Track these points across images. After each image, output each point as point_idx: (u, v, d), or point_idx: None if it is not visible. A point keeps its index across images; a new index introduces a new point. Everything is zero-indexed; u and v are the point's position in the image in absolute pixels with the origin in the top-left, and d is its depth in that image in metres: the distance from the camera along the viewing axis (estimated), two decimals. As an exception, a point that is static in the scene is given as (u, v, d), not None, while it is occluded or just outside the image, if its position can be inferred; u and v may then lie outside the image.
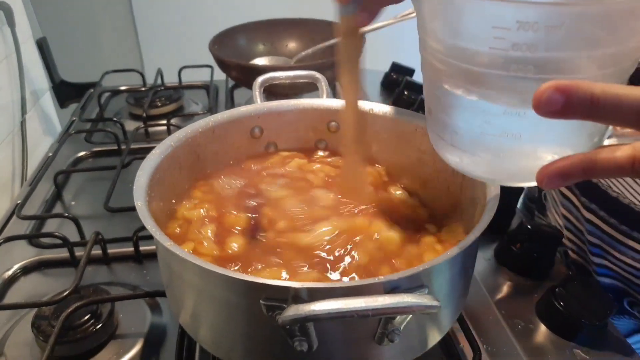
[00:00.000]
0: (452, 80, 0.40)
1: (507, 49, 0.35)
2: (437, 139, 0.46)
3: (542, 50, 0.34)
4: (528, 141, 0.39)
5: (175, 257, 0.42)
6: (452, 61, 0.39)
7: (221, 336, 0.48)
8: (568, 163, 0.35)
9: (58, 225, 0.81)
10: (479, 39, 0.37)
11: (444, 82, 0.41)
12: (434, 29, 0.41)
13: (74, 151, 1.03)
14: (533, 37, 0.34)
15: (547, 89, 0.31)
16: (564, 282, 0.60)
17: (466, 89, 0.39)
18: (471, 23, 0.38)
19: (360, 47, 0.55)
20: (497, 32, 0.35)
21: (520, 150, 0.40)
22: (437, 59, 0.41)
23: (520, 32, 0.34)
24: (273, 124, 0.68)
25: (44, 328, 0.58)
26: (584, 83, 0.31)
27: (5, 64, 1.12)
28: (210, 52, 1.09)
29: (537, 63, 0.35)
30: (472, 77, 0.38)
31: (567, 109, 0.31)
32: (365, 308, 0.35)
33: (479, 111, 0.39)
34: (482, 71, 0.38)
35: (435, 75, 0.42)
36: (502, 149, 0.40)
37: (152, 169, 0.54)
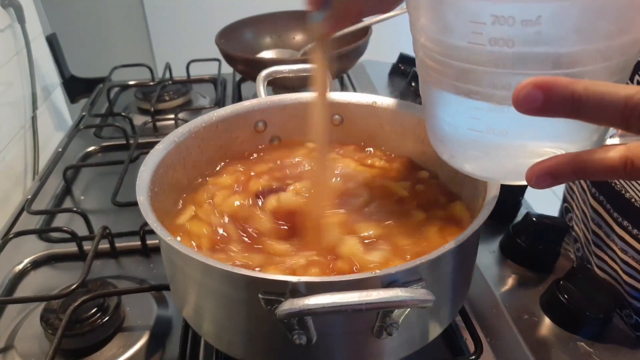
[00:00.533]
0: (438, 76, 0.40)
1: (484, 43, 0.34)
2: (432, 135, 0.46)
3: (519, 45, 0.33)
4: (515, 138, 0.39)
5: (176, 252, 0.43)
6: (437, 56, 0.39)
7: (223, 330, 0.48)
8: (557, 161, 0.33)
9: (67, 220, 0.82)
10: (458, 33, 0.36)
11: (431, 78, 0.41)
12: (419, 23, 0.40)
13: (84, 146, 1.04)
14: (509, 32, 0.33)
15: (526, 86, 0.30)
16: (569, 275, 0.60)
17: (451, 85, 0.39)
18: (449, 17, 0.37)
19: (328, 52, 0.55)
20: (474, 26, 0.34)
21: (508, 148, 0.40)
22: (424, 54, 0.41)
23: (496, 27, 0.33)
24: (277, 118, 0.68)
25: (52, 321, 0.59)
26: (565, 80, 0.30)
27: (16, 60, 1.13)
28: (216, 46, 1.09)
29: (516, 58, 0.34)
30: (455, 72, 0.38)
31: (547, 106, 0.30)
32: (359, 302, 0.35)
33: (465, 107, 0.39)
34: (463, 66, 0.37)
35: (424, 71, 0.42)
36: (489, 146, 0.40)
37: (155, 165, 0.55)
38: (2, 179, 1.02)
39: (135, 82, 1.30)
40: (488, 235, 0.72)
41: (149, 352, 0.60)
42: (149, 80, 1.28)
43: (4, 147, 1.04)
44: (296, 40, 1.24)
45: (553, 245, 0.67)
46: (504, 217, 0.75)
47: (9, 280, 0.71)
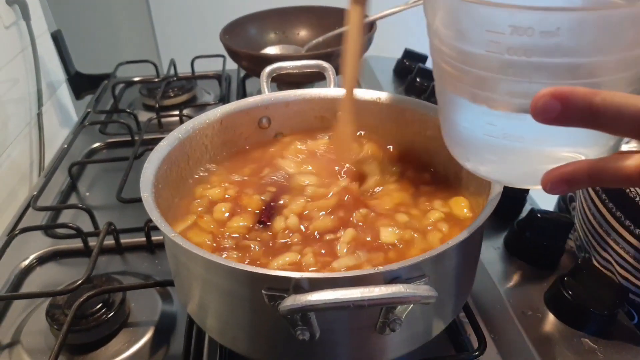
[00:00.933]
0: (455, 81, 0.40)
1: (502, 52, 0.34)
2: (447, 137, 0.46)
3: (539, 55, 0.34)
4: (531, 144, 0.39)
5: (180, 248, 0.43)
6: (454, 62, 0.39)
7: (226, 325, 0.48)
8: (573, 169, 0.34)
9: (73, 216, 0.83)
10: (476, 42, 0.36)
11: (448, 83, 0.41)
12: (438, 30, 0.40)
13: (89, 142, 1.05)
14: (528, 42, 0.33)
15: (544, 96, 0.30)
16: (573, 272, 0.60)
17: (468, 91, 0.39)
18: (468, 26, 0.37)
19: (364, 15, 0.57)
20: (492, 35, 0.34)
21: (524, 153, 0.40)
22: (442, 60, 0.41)
23: (514, 37, 0.33)
24: (280, 114, 0.68)
25: (58, 317, 0.60)
26: (583, 91, 0.30)
27: (22, 57, 1.14)
28: (221, 42, 1.09)
29: (535, 68, 0.34)
30: (472, 79, 0.38)
31: (564, 116, 0.30)
32: (361, 298, 0.35)
33: (481, 113, 0.39)
34: (481, 74, 0.37)
35: (442, 76, 0.42)
36: (505, 151, 0.40)
37: (159, 161, 0.55)
38: (8, 175, 1.02)
39: (140, 78, 1.30)
40: (492, 231, 0.72)
41: (154, 347, 0.60)
42: (154, 77, 1.28)
43: (10, 144, 1.04)
44: (300, 36, 1.24)
45: (557, 242, 0.67)
46: (508, 213, 0.74)
47: (15, 276, 0.72)
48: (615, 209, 0.64)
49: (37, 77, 1.18)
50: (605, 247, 0.67)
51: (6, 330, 0.64)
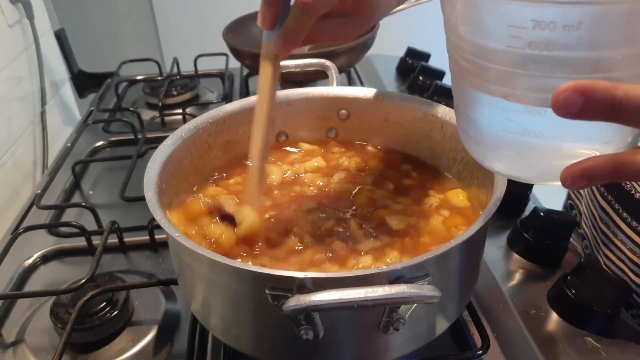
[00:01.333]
0: (473, 77, 0.40)
1: (524, 47, 0.34)
2: (464, 134, 0.45)
3: (560, 50, 0.33)
4: (550, 140, 0.38)
5: (184, 247, 0.43)
6: (472, 58, 0.39)
7: (230, 324, 0.48)
8: (594, 164, 0.34)
9: (76, 215, 0.83)
10: (497, 37, 0.36)
11: (466, 79, 0.41)
12: (456, 25, 0.40)
13: (92, 141, 1.05)
14: (550, 37, 0.33)
15: (566, 90, 0.30)
16: (576, 270, 0.60)
17: (487, 86, 0.39)
18: (488, 21, 0.37)
19: (277, 77, 0.54)
20: (513, 30, 0.34)
21: (543, 149, 0.39)
22: (460, 56, 0.40)
23: (536, 31, 0.33)
24: (283, 113, 0.68)
25: (62, 315, 0.60)
26: (605, 84, 0.30)
27: (25, 56, 1.14)
28: (224, 40, 1.09)
29: (556, 62, 0.34)
30: (492, 74, 0.38)
31: (586, 110, 0.30)
32: (365, 298, 0.35)
33: (500, 108, 0.39)
34: (501, 69, 0.37)
35: (459, 72, 0.42)
36: (524, 147, 0.40)
37: (162, 160, 0.55)
38: (12, 173, 1.02)
39: (143, 77, 1.30)
40: (495, 230, 0.72)
41: (158, 346, 0.60)
42: (157, 75, 1.28)
43: (14, 142, 1.04)
44: (303, 35, 1.24)
45: (561, 240, 0.66)
46: (511, 211, 0.74)
47: (19, 274, 0.72)
48: (622, 209, 0.64)
49: (41, 75, 1.18)
50: (611, 248, 0.67)
51: (10, 328, 0.64)
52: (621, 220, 0.64)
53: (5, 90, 1.05)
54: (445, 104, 0.63)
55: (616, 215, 0.65)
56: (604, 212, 0.67)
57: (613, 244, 0.66)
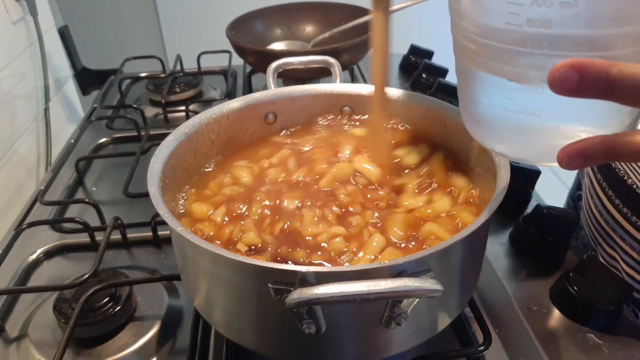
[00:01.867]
0: (474, 56, 0.40)
1: (522, 24, 0.35)
2: (466, 114, 0.46)
3: (557, 27, 0.34)
4: (547, 119, 0.39)
5: (187, 242, 0.43)
6: (474, 37, 0.39)
7: (233, 319, 0.49)
8: (589, 144, 0.34)
9: (79, 211, 0.83)
10: (496, 14, 0.37)
11: (467, 58, 0.41)
12: (457, 4, 0.41)
13: (95, 138, 1.05)
14: (547, 14, 0.34)
15: (562, 67, 0.31)
16: (579, 267, 0.60)
17: (487, 65, 0.40)
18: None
19: (388, 20, 0.57)
20: (512, 7, 0.35)
21: (541, 128, 0.40)
22: (461, 35, 0.41)
23: (533, 8, 0.34)
24: (287, 110, 0.68)
25: (65, 310, 0.60)
26: (600, 62, 0.31)
27: (29, 53, 1.14)
28: (227, 37, 1.09)
29: (553, 39, 0.35)
30: (492, 52, 0.39)
31: (581, 87, 0.31)
32: (367, 292, 0.35)
33: (499, 87, 0.40)
34: (500, 47, 0.38)
35: (460, 51, 0.42)
36: (522, 126, 0.40)
37: (166, 156, 0.55)
38: (16, 170, 1.03)
39: (147, 74, 1.31)
40: (498, 227, 0.72)
41: (160, 341, 0.60)
42: (160, 72, 1.28)
43: (17, 139, 1.05)
44: (306, 32, 1.24)
45: (563, 238, 0.66)
46: (514, 209, 0.75)
47: (23, 270, 0.72)
48: (622, 205, 0.64)
49: (44, 72, 1.18)
50: (611, 244, 0.67)
51: (14, 323, 0.64)
52: (621, 216, 0.64)
53: (9, 87, 1.05)
54: (448, 101, 0.63)
55: (616, 211, 0.65)
56: (603, 207, 0.67)
57: (612, 240, 0.66)
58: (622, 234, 0.64)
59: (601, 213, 0.68)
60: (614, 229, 0.66)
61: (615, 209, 0.65)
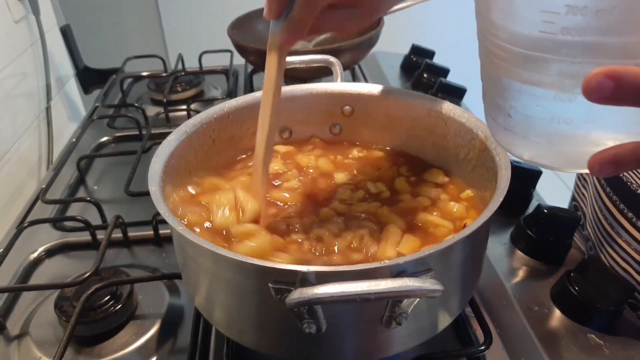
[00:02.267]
0: (503, 63, 0.40)
1: (556, 32, 0.34)
2: (491, 121, 0.45)
3: (592, 35, 0.33)
4: (579, 127, 0.39)
5: (188, 241, 0.43)
6: (503, 43, 0.39)
7: (233, 318, 0.49)
8: (621, 151, 0.34)
9: (81, 209, 0.83)
10: (530, 22, 0.36)
11: (496, 65, 0.41)
12: (488, 11, 0.40)
13: (97, 136, 1.05)
14: (583, 22, 0.33)
15: (597, 74, 0.31)
16: (580, 267, 0.60)
17: (517, 72, 0.39)
18: (522, 7, 0.37)
19: (283, 68, 0.54)
20: (547, 16, 0.34)
21: (572, 136, 0.39)
22: (490, 42, 0.41)
23: (569, 17, 0.33)
24: (287, 109, 0.68)
25: (66, 308, 0.60)
26: (636, 70, 0.31)
27: (31, 52, 1.14)
28: (229, 37, 1.10)
29: (587, 47, 0.34)
30: (522, 60, 0.38)
31: (616, 95, 0.31)
32: (367, 291, 0.36)
33: (530, 95, 0.39)
34: (532, 55, 0.37)
35: (488, 57, 0.42)
36: (553, 133, 0.40)
37: (167, 155, 0.55)
38: (17, 168, 1.03)
39: (148, 73, 1.31)
40: (499, 227, 0.72)
41: (161, 339, 0.61)
42: (162, 72, 1.28)
43: (19, 138, 1.05)
44: (308, 31, 1.24)
45: (564, 237, 0.67)
46: (515, 208, 0.75)
47: (24, 268, 0.72)
48: (627, 209, 0.64)
49: (46, 71, 1.18)
50: (615, 248, 0.67)
51: (15, 321, 0.64)
52: (626, 220, 0.64)
53: (11, 85, 1.05)
54: (449, 101, 0.63)
55: (621, 215, 0.64)
56: (608, 212, 0.67)
57: (617, 244, 0.66)
58: (628, 238, 0.64)
59: (605, 217, 0.68)
60: (619, 233, 0.66)
61: (620, 214, 0.65)
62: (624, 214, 0.64)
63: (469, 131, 0.58)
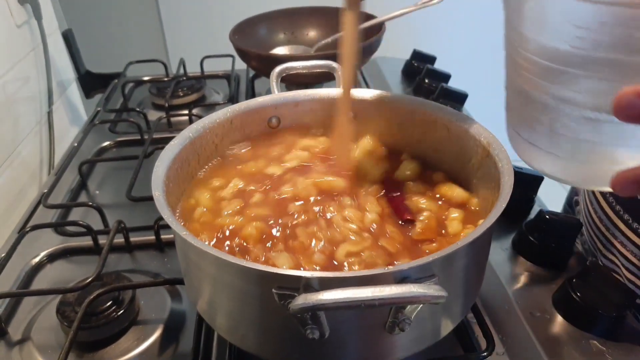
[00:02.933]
0: (531, 77, 0.39)
1: (587, 49, 0.34)
2: (514, 133, 0.45)
3: (623, 53, 0.33)
4: (605, 144, 0.38)
5: (191, 246, 0.43)
6: (533, 57, 0.38)
7: (236, 323, 0.49)
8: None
9: (82, 214, 0.83)
10: (561, 37, 0.36)
11: (522, 78, 0.40)
12: (519, 24, 0.39)
13: (99, 141, 1.05)
14: (614, 39, 0.33)
15: (628, 93, 0.31)
16: (582, 273, 0.60)
17: (545, 87, 0.38)
18: (554, 20, 0.37)
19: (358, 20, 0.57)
20: (579, 31, 0.34)
21: (596, 153, 0.39)
22: (519, 55, 0.40)
23: (601, 33, 0.33)
24: (290, 114, 0.68)
25: (68, 314, 0.60)
26: None
27: (33, 56, 1.15)
28: (230, 42, 1.10)
29: (618, 66, 0.34)
30: (551, 74, 0.37)
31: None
32: (372, 298, 0.36)
33: (557, 111, 0.38)
34: (562, 69, 0.37)
35: (516, 71, 0.41)
36: (577, 150, 0.39)
37: (170, 160, 0.56)
38: (19, 173, 1.03)
39: (150, 77, 1.31)
40: (501, 233, 0.72)
41: (163, 345, 0.60)
42: (163, 76, 1.29)
43: (21, 142, 1.05)
44: (310, 37, 1.24)
45: (566, 243, 0.67)
46: (516, 214, 0.75)
47: (26, 273, 0.72)
48: (623, 211, 0.64)
49: (48, 75, 1.19)
50: (611, 250, 0.67)
51: (17, 327, 0.64)
52: (622, 222, 0.64)
53: (13, 90, 1.05)
54: (451, 106, 0.63)
55: (616, 217, 0.65)
56: (603, 213, 0.67)
57: (612, 245, 0.66)
58: (623, 240, 0.64)
59: (601, 219, 0.68)
60: (615, 235, 0.66)
61: (615, 215, 0.65)
62: (619, 216, 0.64)
63: (472, 137, 0.58)
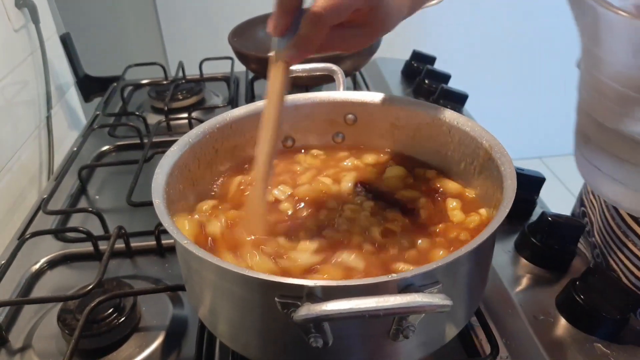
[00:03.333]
0: (606, 101, 0.37)
1: None
2: (592, 168, 0.43)
3: None
4: None
5: (192, 255, 0.43)
6: (608, 81, 0.36)
7: (238, 331, 0.48)
8: None
9: (82, 220, 0.83)
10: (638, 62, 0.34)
11: (596, 102, 0.38)
12: (595, 45, 0.37)
13: (98, 145, 1.05)
14: None
15: None
16: (585, 275, 0.59)
17: (618, 114, 0.37)
18: (633, 46, 0.35)
19: (286, 83, 0.54)
20: None
21: None
22: (593, 77, 0.38)
23: None
24: (290, 118, 0.68)
25: (69, 322, 0.60)
26: None
27: (31, 60, 1.14)
28: (229, 44, 1.09)
29: None
30: (625, 102, 0.36)
31: None
32: (376, 308, 0.35)
33: (627, 140, 0.37)
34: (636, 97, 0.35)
35: (589, 93, 0.39)
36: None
37: (170, 166, 0.55)
38: (18, 178, 1.03)
39: (149, 80, 1.31)
40: (503, 235, 0.72)
41: (165, 352, 0.60)
42: (162, 79, 1.28)
43: (20, 147, 1.05)
44: (308, 38, 1.23)
45: (569, 245, 0.66)
46: (519, 216, 0.74)
47: (26, 280, 0.72)
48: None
49: (46, 79, 1.18)
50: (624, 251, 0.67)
51: (18, 334, 0.64)
52: (635, 223, 0.63)
53: (11, 94, 1.05)
54: (451, 107, 0.63)
55: (633, 221, 0.64)
56: (620, 218, 0.67)
57: (628, 249, 0.66)
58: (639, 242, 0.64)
59: (618, 224, 0.68)
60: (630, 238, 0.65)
61: (632, 219, 0.65)
62: (635, 219, 0.64)
63: (473, 140, 0.58)
